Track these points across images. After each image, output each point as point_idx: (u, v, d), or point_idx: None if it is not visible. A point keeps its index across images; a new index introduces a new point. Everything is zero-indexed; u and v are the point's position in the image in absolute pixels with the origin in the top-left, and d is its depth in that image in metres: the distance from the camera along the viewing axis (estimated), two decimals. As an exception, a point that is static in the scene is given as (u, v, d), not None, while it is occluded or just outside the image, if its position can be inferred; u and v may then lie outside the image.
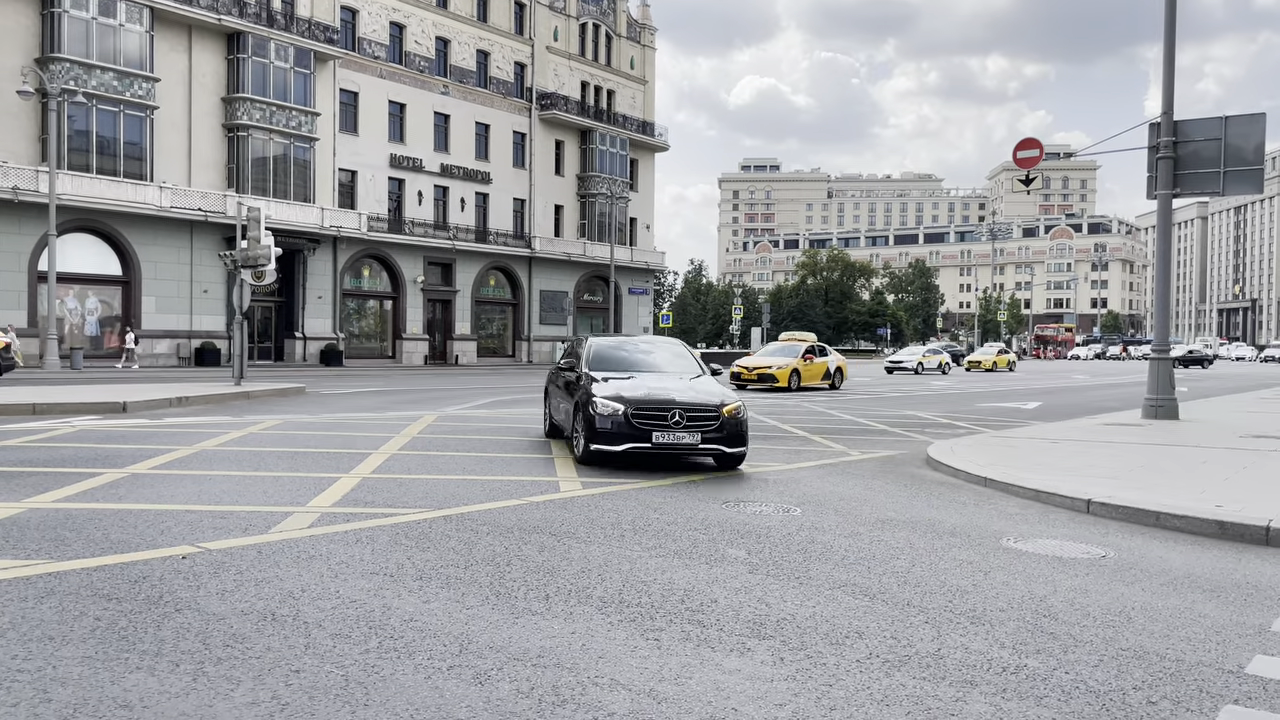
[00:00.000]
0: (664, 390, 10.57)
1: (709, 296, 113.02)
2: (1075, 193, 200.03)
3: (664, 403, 10.20)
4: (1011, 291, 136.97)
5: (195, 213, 39.53)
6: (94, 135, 37.05)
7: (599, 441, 10.18)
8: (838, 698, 3.90)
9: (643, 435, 10.01)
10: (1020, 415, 20.05)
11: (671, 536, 7.00)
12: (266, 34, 42.14)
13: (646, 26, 64.42)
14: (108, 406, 16.84)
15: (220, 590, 5.24)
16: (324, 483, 9.01)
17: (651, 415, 10.10)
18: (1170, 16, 16.77)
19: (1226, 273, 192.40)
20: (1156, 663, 4.45)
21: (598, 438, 10.19)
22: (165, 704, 3.63)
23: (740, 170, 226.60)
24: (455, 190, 52.25)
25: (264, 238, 23.15)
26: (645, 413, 10.10)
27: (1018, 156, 19.00)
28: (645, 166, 64.55)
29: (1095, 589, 5.84)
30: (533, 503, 8.24)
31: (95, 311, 38.42)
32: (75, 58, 36.16)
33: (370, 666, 4.09)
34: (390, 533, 6.84)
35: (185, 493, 8.36)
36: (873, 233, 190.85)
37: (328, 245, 45.55)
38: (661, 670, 4.15)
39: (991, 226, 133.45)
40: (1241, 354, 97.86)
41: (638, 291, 63.85)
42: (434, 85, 50.98)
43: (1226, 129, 16.35)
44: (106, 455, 10.72)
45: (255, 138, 42.01)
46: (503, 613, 4.95)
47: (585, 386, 10.89)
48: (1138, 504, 8.19)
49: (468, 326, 53.12)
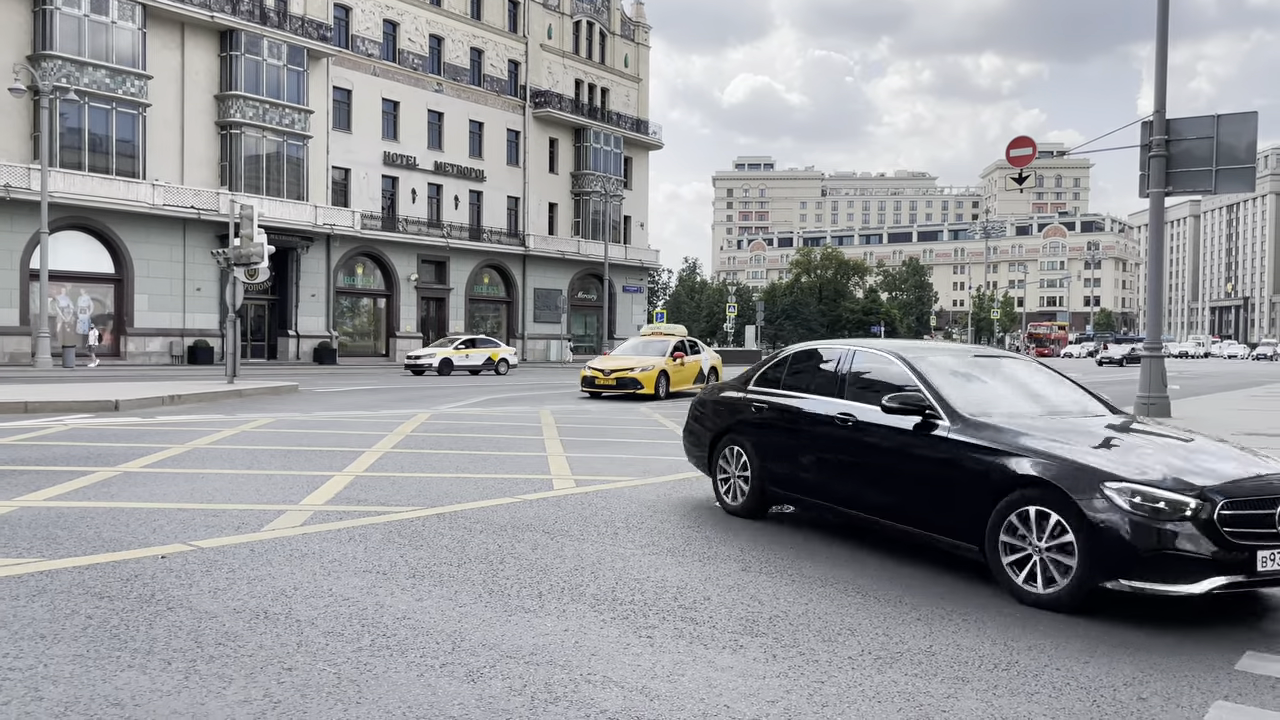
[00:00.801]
0: (1210, 460, 5.62)
1: (703, 295, 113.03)
2: (1068, 191, 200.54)
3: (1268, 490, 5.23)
4: (1005, 290, 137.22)
5: (188, 211, 39.43)
6: (86, 133, 36.93)
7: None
8: (830, 694, 3.91)
9: (1238, 558, 4.94)
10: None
11: (665, 534, 7.01)
12: (260, 31, 42.03)
13: (640, 24, 64.40)
14: (100, 405, 16.79)
15: (212, 588, 5.24)
16: (317, 481, 9.00)
17: (1253, 515, 5.07)
18: (1163, 15, 16.80)
19: (1219, 271, 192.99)
20: (1146, 658, 4.47)
21: (1129, 563, 4.99)
22: (157, 702, 3.62)
23: (734, 168, 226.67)
24: (449, 188, 52.19)
25: (257, 235, 23.11)
26: (1243, 512, 5.05)
27: (1011, 155, 19.02)
28: (639, 164, 64.53)
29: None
30: (526, 501, 8.24)
31: (88, 309, 38.31)
32: (67, 55, 36.04)
33: (363, 664, 4.09)
34: (383, 531, 6.83)
35: (178, 491, 8.35)
36: (866, 231, 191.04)
37: (321, 243, 45.47)
38: (654, 667, 4.16)
39: (985, 225, 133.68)
40: (1234, 352, 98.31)
41: (632, 290, 63.84)
42: (428, 83, 50.91)
43: (1218, 127, 16.38)
44: (99, 453, 10.69)
45: (248, 135, 41.92)
46: (496, 610, 4.95)
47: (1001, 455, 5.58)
48: (1129, 501, 8.18)
49: (462, 325, 53.04)
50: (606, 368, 22.45)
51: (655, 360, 22.63)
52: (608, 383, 22.07)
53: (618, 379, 22.01)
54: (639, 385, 21.82)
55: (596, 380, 22.26)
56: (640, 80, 64.13)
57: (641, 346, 24.19)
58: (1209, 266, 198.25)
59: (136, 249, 38.71)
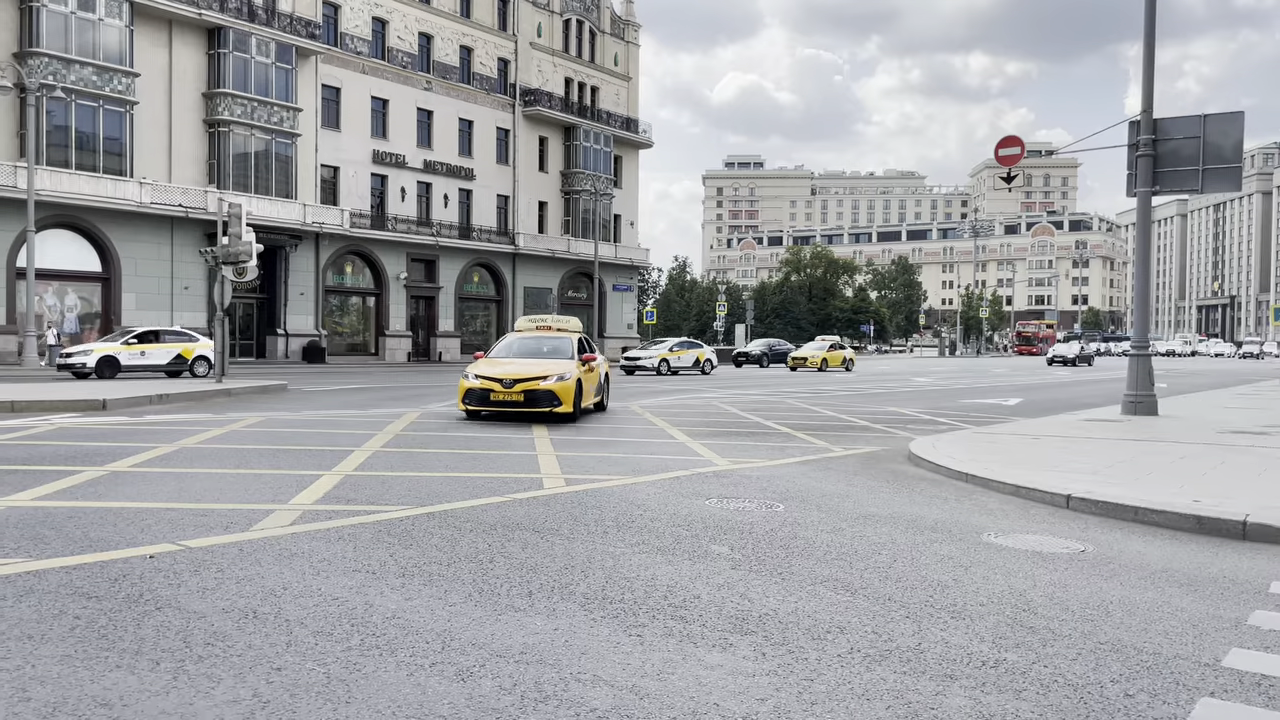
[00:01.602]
0: None
1: (693, 294, 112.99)
2: (1056, 190, 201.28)
3: None
4: (993, 288, 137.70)
5: (176, 209, 39.27)
6: (73, 131, 36.75)
7: None
8: (819, 692, 3.92)
9: None
10: (1001, 411, 20.17)
11: (654, 533, 7.01)
12: (248, 29, 41.88)
13: (630, 23, 64.35)
14: (87, 404, 16.71)
15: (201, 588, 5.22)
16: (306, 480, 8.98)
17: None
18: (1150, 15, 16.88)
19: (1206, 270, 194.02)
20: (1134, 656, 4.49)
21: None
22: (145, 702, 3.61)
23: (724, 167, 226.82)
24: (438, 186, 52.09)
25: (245, 234, 23.03)
26: None
27: (1000, 154, 19.07)
28: (629, 163, 64.50)
29: (1074, 583, 5.88)
30: (516, 500, 8.24)
31: (75, 308, 38.12)
32: (54, 52, 35.86)
33: (352, 664, 4.08)
34: (373, 530, 6.82)
35: (166, 490, 8.31)
36: (856, 230, 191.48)
37: (310, 242, 45.33)
38: (644, 666, 4.16)
39: (974, 223, 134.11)
40: (1220, 350, 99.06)
41: (622, 288, 63.83)
42: (417, 81, 50.79)
43: (1205, 127, 16.47)
44: (86, 453, 10.64)
45: (236, 133, 41.76)
46: (485, 610, 4.95)
47: None
48: (1117, 499, 8.25)
49: (451, 323, 52.98)
50: (502, 376, 15.49)
51: (566, 366, 16.02)
52: (509, 397, 15.25)
53: (525, 392, 15.23)
54: (556, 401, 15.31)
55: (493, 395, 15.33)
56: (630, 79, 64.09)
57: (532, 345, 17.52)
58: (1196, 265, 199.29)
59: (124, 247, 38.53)
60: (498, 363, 16.54)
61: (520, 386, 15.29)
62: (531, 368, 15.89)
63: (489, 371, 15.77)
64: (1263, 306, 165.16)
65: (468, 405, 15.67)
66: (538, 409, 15.29)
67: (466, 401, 15.67)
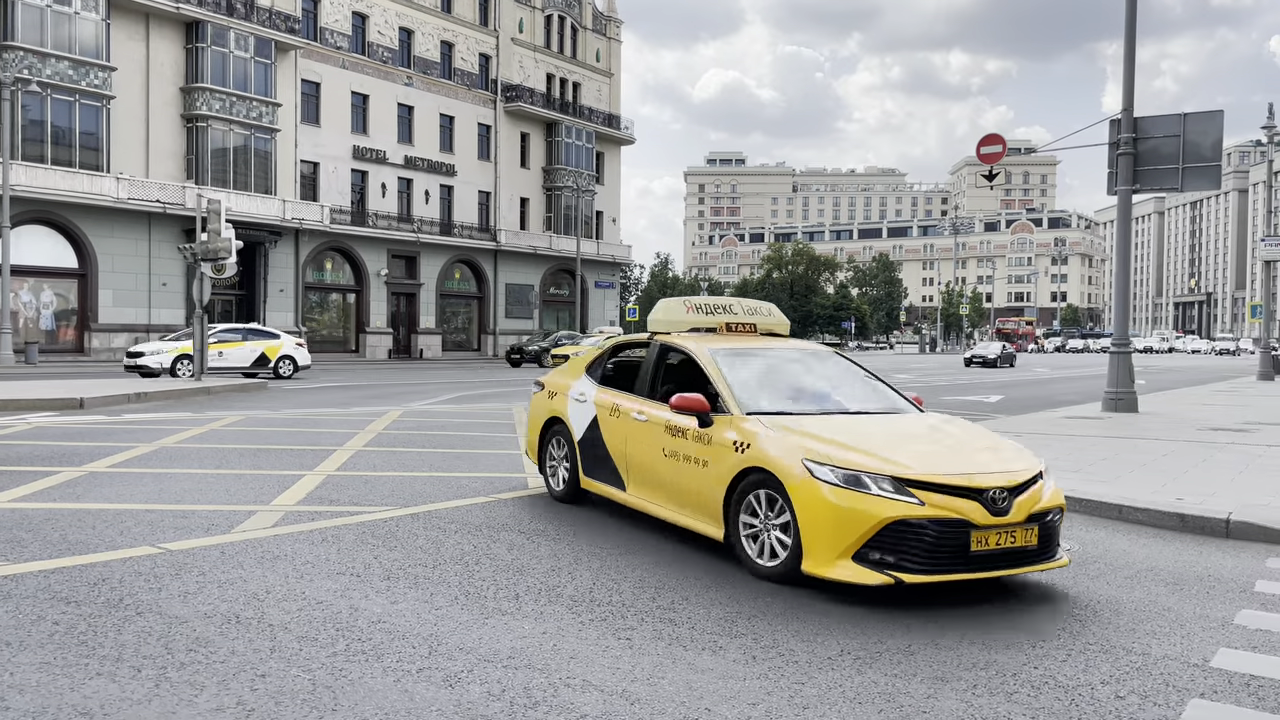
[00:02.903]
0: None
1: (675, 290, 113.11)
2: (1036, 188, 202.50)
3: None
4: (973, 285, 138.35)
5: (153, 205, 38.88)
6: (49, 125, 36.31)
7: None
8: (810, 696, 3.89)
9: None
10: (983, 409, 20.25)
11: (642, 535, 6.97)
12: (226, 23, 41.49)
13: (612, 19, 64.23)
14: (65, 403, 16.51)
15: (182, 592, 5.14)
16: (288, 480, 8.88)
17: None
18: (1131, 15, 16.98)
19: (1183, 267, 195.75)
20: (1123, 657, 4.50)
21: None
22: (127, 711, 3.54)
23: (706, 164, 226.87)
24: (419, 182, 51.82)
25: (224, 230, 22.79)
26: None
27: (981, 152, 19.14)
28: (611, 159, 64.41)
29: (1060, 583, 5.89)
30: (501, 500, 8.18)
31: (51, 305, 37.69)
32: (29, 46, 35.41)
33: (338, 670, 4.02)
34: (356, 531, 6.75)
35: (145, 491, 8.21)
36: (837, 226, 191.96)
37: (289, 238, 45.01)
38: (634, 670, 4.12)
39: (954, 221, 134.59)
40: (1197, 347, 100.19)
41: (604, 285, 63.74)
42: (397, 76, 50.51)
43: (1185, 126, 16.58)
44: (64, 453, 10.50)
45: (215, 128, 41.39)
46: (472, 613, 4.90)
47: None
48: (1101, 497, 8.28)
49: (432, 320, 52.75)
50: (944, 474, 5.65)
51: (1013, 448, 6.44)
52: (1010, 538, 5.72)
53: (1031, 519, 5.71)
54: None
55: (975, 535, 5.38)
56: (612, 75, 63.97)
57: (794, 375, 7.53)
58: (1173, 263, 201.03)
59: (100, 243, 38.11)
60: (835, 428, 6.16)
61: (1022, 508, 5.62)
62: (974, 453, 6.03)
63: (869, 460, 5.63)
64: (1238, 303, 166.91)
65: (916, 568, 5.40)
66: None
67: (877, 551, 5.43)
